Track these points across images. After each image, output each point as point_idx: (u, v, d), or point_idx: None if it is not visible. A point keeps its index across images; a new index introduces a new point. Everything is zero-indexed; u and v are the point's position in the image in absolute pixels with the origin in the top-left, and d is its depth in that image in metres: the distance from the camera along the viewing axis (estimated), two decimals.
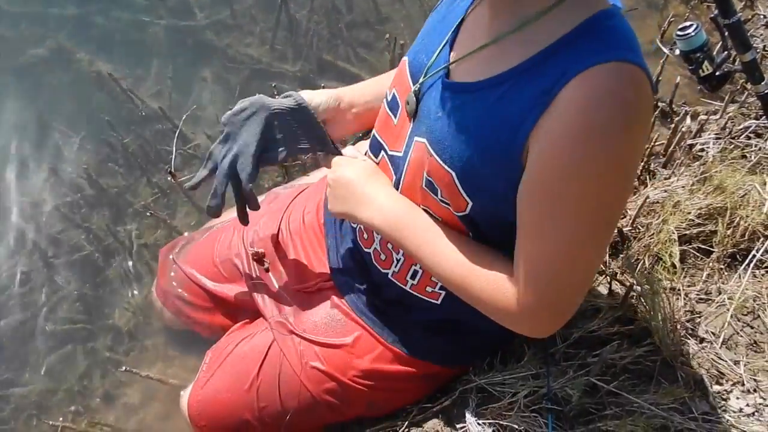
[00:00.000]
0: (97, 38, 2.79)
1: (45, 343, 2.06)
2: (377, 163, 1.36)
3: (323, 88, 2.25)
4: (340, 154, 1.42)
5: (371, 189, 1.29)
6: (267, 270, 1.64)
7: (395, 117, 1.30)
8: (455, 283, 1.19)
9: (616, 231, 1.86)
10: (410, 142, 1.23)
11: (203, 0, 2.89)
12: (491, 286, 1.14)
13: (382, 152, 1.34)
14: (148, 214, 2.21)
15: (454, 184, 1.12)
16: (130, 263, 2.18)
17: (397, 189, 1.30)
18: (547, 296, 1.09)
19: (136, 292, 2.12)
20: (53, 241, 2.24)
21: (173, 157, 2.26)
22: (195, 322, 1.77)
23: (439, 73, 1.16)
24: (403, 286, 1.42)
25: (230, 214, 1.89)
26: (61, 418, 1.91)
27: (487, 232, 1.19)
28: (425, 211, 1.25)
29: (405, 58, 1.30)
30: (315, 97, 1.44)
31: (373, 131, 1.39)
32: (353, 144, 1.52)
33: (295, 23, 2.80)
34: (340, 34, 2.77)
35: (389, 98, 1.32)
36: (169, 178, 2.22)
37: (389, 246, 1.38)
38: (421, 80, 1.20)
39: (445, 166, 1.12)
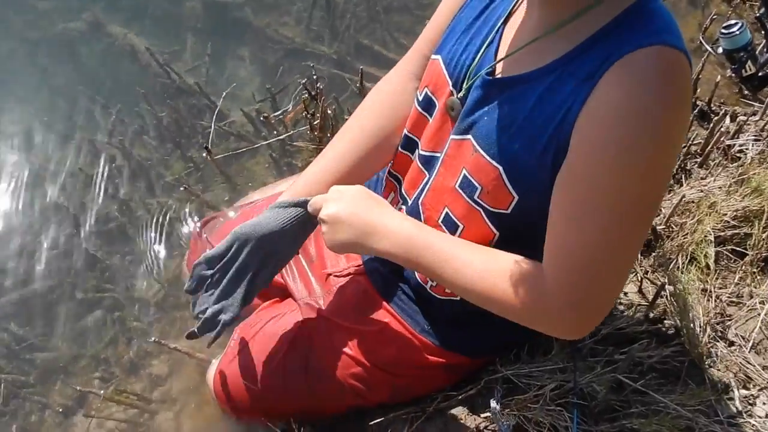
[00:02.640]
0: (133, 11, 2.82)
1: (72, 309, 2.08)
2: (410, 162, 1.36)
3: (360, 69, 2.28)
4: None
5: (374, 215, 1.23)
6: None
7: (430, 116, 1.29)
8: (482, 294, 1.15)
9: (649, 229, 1.85)
10: (448, 142, 1.22)
11: None
12: (521, 289, 1.11)
13: (416, 151, 1.34)
14: (181, 188, 2.22)
15: (500, 178, 1.11)
16: (161, 235, 2.19)
17: (424, 189, 1.30)
18: (581, 292, 1.06)
19: (165, 264, 2.13)
20: (85, 210, 2.26)
21: (211, 132, 2.26)
22: None
23: (483, 73, 1.15)
24: (425, 285, 1.42)
25: (264, 192, 1.90)
26: (85, 385, 1.93)
27: (522, 232, 1.16)
28: (446, 216, 1.25)
29: (437, 58, 1.27)
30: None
31: (405, 130, 1.38)
32: None
33: (333, 4, 2.80)
34: (377, 17, 2.76)
35: (420, 97, 1.31)
36: (204, 154, 2.22)
37: None
38: (465, 84, 1.19)
39: (493, 162, 1.11)
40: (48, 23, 2.78)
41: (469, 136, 1.16)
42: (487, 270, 1.14)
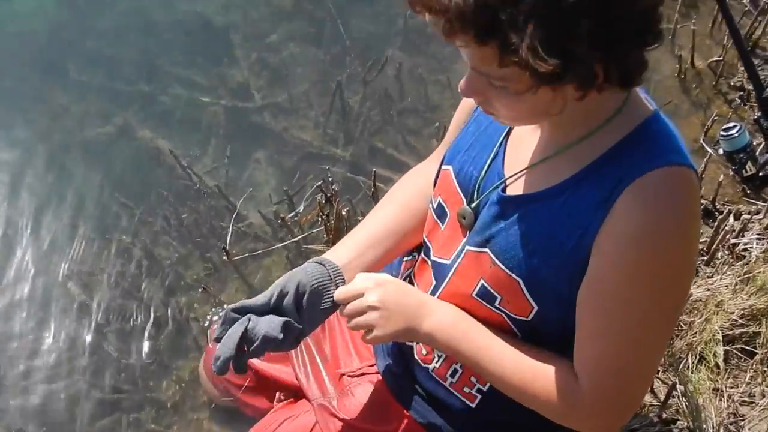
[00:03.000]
0: (159, 115, 2.95)
1: (90, 410, 2.11)
2: (424, 266, 1.40)
3: (374, 172, 2.36)
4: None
5: (421, 298, 1.28)
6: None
7: (442, 224, 1.34)
8: (518, 388, 1.20)
9: None
10: (461, 251, 1.27)
11: (261, 83, 3.05)
12: (554, 387, 1.15)
13: (429, 256, 1.39)
14: (199, 288, 2.28)
15: (520, 290, 1.16)
16: (180, 336, 2.23)
17: (435, 295, 1.33)
18: (612, 395, 1.12)
19: (183, 363, 2.16)
20: (105, 309, 2.32)
21: (229, 233, 2.34)
22: (240, 399, 1.81)
23: (494, 188, 1.21)
24: (443, 383, 1.43)
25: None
26: None
27: (544, 337, 1.21)
28: None
29: (449, 168, 1.33)
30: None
31: (423, 234, 1.43)
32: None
33: (348, 108, 2.92)
34: (390, 120, 2.88)
35: (435, 205, 1.36)
36: (223, 256, 2.29)
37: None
38: (476, 197, 1.25)
39: (512, 274, 1.16)
40: (77, 124, 2.92)
41: (487, 250, 1.21)
42: (526, 365, 1.18)
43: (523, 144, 1.19)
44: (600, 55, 0.90)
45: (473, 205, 1.25)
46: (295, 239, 2.37)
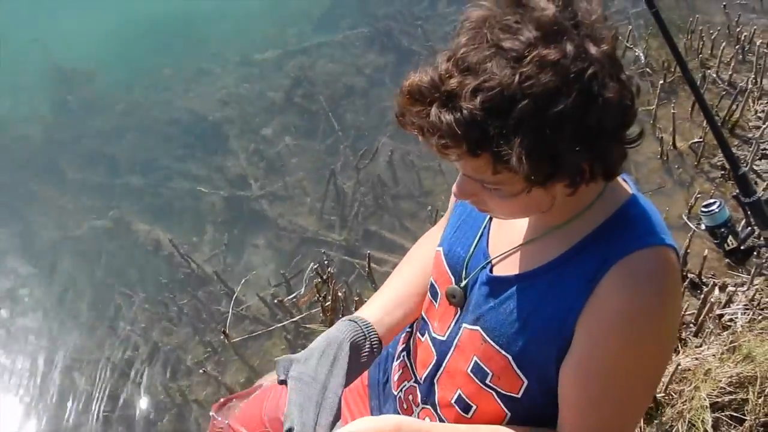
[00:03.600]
0: (157, 207, 3.07)
1: None
2: (421, 343, 1.45)
3: (368, 254, 2.44)
4: None
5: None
6: None
7: (436, 303, 1.41)
8: None
9: None
10: (457, 328, 1.32)
11: (258, 172, 3.17)
12: None
13: (426, 333, 1.45)
14: (200, 371, 2.32)
15: (510, 366, 1.21)
16: (182, 419, 2.26)
17: (438, 370, 1.36)
18: None
19: None
20: (109, 396, 2.36)
21: (228, 317, 2.40)
22: None
23: (482, 267, 1.28)
24: None
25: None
26: None
27: (531, 413, 1.26)
28: (458, 397, 1.34)
29: (439, 249, 1.38)
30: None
31: (422, 312, 1.49)
32: None
33: (343, 194, 3.02)
34: (384, 205, 2.97)
35: (430, 285, 1.44)
36: (222, 338, 2.34)
37: (426, 420, 1.45)
38: (464, 276, 1.32)
39: (502, 351, 1.21)
40: (73, 221, 3.03)
41: (478, 328, 1.25)
42: None
43: (507, 226, 1.25)
44: (586, 156, 0.96)
45: (462, 284, 1.31)
46: (294, 320, 2.42)
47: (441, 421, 1.38)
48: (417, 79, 0.96)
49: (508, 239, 1.24)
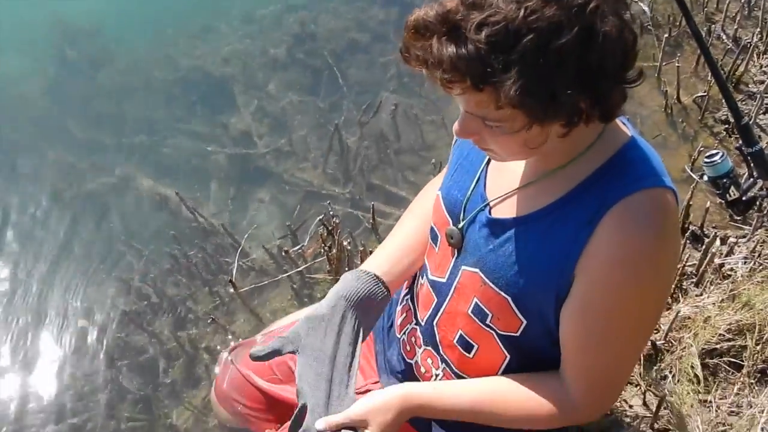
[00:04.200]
0: (163, 165, 3.11)
1: None
2: (422, 286, 1.49)
3: (372, 206, 2.47)
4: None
5: (405, 409, 1.30)
6: None
7: (436, 246, 1.44)
8: (519, 423, 1.29)
9: (650, 344, 1.96)
10: (456, 270, 1.36)
11: (262, 129, 3.19)
12: (549, 407, 1.25)
13: (425, 276, 1.48)
14: (208, 320, 2.37)
15: (509, 307, 1.25)
16: (192, 366, 2.32)
17: (438, 311, 1.41)
18: (602, 396, 1.25)
19: (195, 392, 2.25)
20: (119, 345, 2.42)
21: (234, 267, 2.43)
22: (250, 421, 1.86)
23: (480, 210, 1.31)
24: None
25: (286, 319, 2.03)
26: None
27: (531, 354, 1.30)
28: (460, 337, 1.37)
29: (438, 193, 1.43)
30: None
31: (424, 256, 1.52)
32: None
33: (346, 150, 3.04)
34: (387, 159, 3.00)
35: (430, 229, 1.46)
36: (230, 288, 2.38)
37: (428, 361, 1.49)
38: (461, 218, 1.35)
39: (501, 293, 1.25)
40: (82, 180, 3.07)
41: (477, 270, 1.29)
42: (522, 405, 1.27)
43: (504, 169, 1.28)
44: (585, 94, 0.98)
45: (459, 226, 1.33)
46: (299, 269, 2.46)
47: (443, 361, 1.43)
48: (422, 14, 0.98)
49: (505, 182, 1.27)
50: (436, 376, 1.47)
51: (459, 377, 1.40)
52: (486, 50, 0.92)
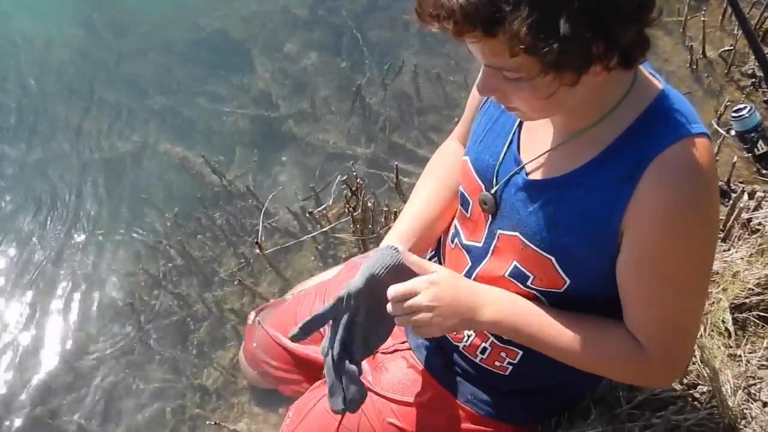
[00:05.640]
0: (184, 128, 3.11)
1: (136, 400, 2.23)
2: (452, 250, 1.48)
3: (396, 166, 2.45)
4: None
5: (475, 290, 1.32)
6: None
7: (467, 212, 1.43)
8: (585, 360, 1.29)
9: None
10: (492, 235, 1.35)
11: (284, 92, 3.17)
12: (624, 355, 1.25)
13: (457, 240, 1.47)
14: (234, 282, 2.39)
15: (553, 267, 1.25)
16: (219, 327, 2.35)
17: (471, 275, 1.41)
18: (676, 350, 1.24)
19: (223, 353, 2.27)
20: (146, 307, 2.45)
21: (260, 228, 2.44)
22: (279, 381, 1.89)
23: (515, 173, 1.29)
24: (473, 359, 1.50)
25: (313, 280, 2.04)
26: None
27: (576, 306, 1.29)
28: None
29: (466, 159, 1.41)
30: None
31: (454, 221, 1.51)
32: None
33: (369, 110, 3.02)
34: (410, 119, 2.97)
35: (460, 194, 1.45)
36: (255, 250, 2.39)
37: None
38: (494, 182, 1.34)
39: (544, 254, 1.25)
40: (107, 143, 3.09)
41: (517, 233, 1.29)
42: (587, 338, 1.27)
43: (537, 131, 1.27)
44: (594, 34, 0.96)
45: (493, 191, 1.33)
46: (324, 230, 2.46)
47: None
48: None
49: (539, 144, 1.26)
50: (468, 336, 1.47)
51: (495, 336, 1.40)
52: None
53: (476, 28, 0.95)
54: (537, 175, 1.26)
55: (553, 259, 1.24)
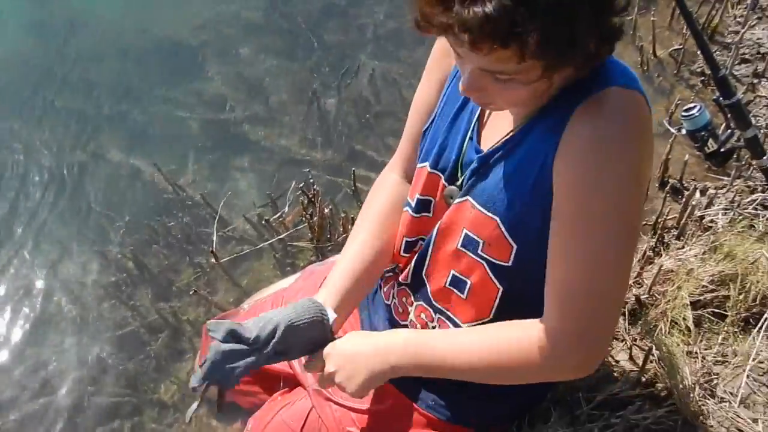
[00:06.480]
0: (136, 134, 3.05)
1: (92, 417, 2.17)
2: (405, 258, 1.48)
3: (353, 172, 2.44)
4: None
5: (373, 342, 1.34)
6: None
7: (430, 213, 1.42)
8: (493, 366, 1.25)
9: (634, 298, 1.96)
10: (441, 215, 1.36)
11: (239, 97, 3.13)
12: (523, 344, 1.21)
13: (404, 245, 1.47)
14: (190, 292, 2.35)
15: (499, 229, 1.24)
16: (174, 339, 2.31)
17: (424, 263, 1.41)
18: (584, 319, 1.15)
19: (179, 365, 2.23)
20: (100, 319, 2.39)
21: (214, 238, 2.41)
22: (236, 393, 1.86)
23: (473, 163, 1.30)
24: None
25: (271, 289, 2.02)
26: None
27: (522, 287, 1.29)
28: (453, 277, 1.36)
29: (425, 165, 1.40)
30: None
31: (404, 237, 1.50)
32: None
33: (325, 114, 3.00)
34: (367, 123, 2.96)
35: (414, 204, 1.44)
36: (211, 259, 2.36)
37: (422, 315, 1.48)
38: (459, 176, 1.33)
39: (489, 214, 1.24)
40: (57, 151, 3.02)
41: (468, 197, 1.29)
42: (489, 343, 1.25)
43: (495, 122, 1.28)
44: (597, 35, 0.99)
45: (459, 183, 1.33)
46: (280, 237, 2.44)
47: (437, 311, 1.42)
48: None
49: (498, 131, 1.26)
50: (432, 328, 1.46)
51: (455, 325, 1.40)
52: (510, 5, 0.91)
53: (493, 42, 0.95)
54: (487, 147, 1.27)
55: (498, 219, 1.23)
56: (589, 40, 0.98)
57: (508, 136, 1.22)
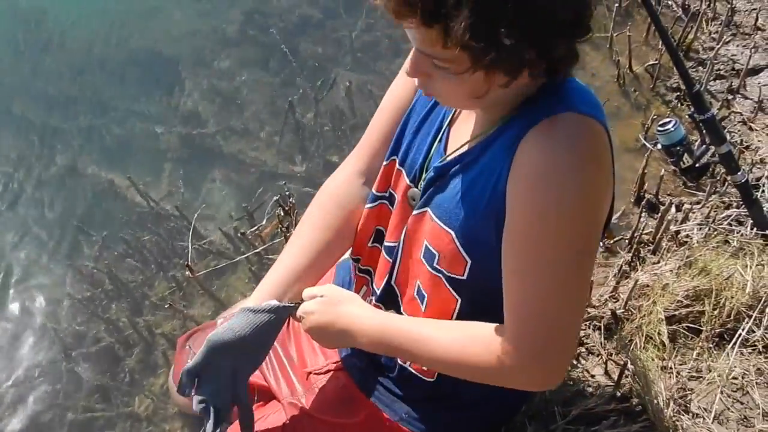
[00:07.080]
0: (111, 147, 3.04)
1: None
2: (380, 255, 1.47)
3: None
4: None
5: (347, 318, 1.36)
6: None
7: (392, 209, 1.43)
8: (454, 361, 1.25)
9: (609, 313, 1.97)
10: (408, 221, 1.36)
11: (214, 109, 3.12)
12: (487, 349, 1.20)
13: (383, 243, 1.46)
14: (165, 306, 2.33)
15: (453, 243, 1.24)
16: (149, 352, 2.28)
17: (393, 273, 1.41)
18: (540, 337, 1.15)
19: (153, 379, 2.21)
20: (74, 334, 2.37)
21: (189, 250, 2.39)
22: None
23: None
24: (403, 364, 1.49)
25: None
26: None
27: (481, 299, 1.28)
28: (417, 288, 1.36)
29: (394, 159, 1.41)
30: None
31: (373, 227, 1.50)
32: None
33: (302, 127, 3.00)
34: (344, 136, 2.96)
35: (378, 195, 1.45)
36: (186, 273, 2.34)
37: None
38: (424, 176, 1.34)
39: (445, 227, 1.24)
40: (31, 165, 2.99)
41: (427, 209, 1.30)
42: (454, 338, 1.25)
43: (463, 128, 1.29)
44: (526, 44, 0.98)
45: (420, 186, 1.33)
46: (257, 251, 2.43)
47: None
48: None
49: (462, 137, 1.27)
50: None
51: None
52: None
53: (415, 15, 0.97)
54: (449, 157, 1.27)
55: (453, 233, 1.23)
56: (518, 44, 0.97)
57: (464, 149, 1.23)
